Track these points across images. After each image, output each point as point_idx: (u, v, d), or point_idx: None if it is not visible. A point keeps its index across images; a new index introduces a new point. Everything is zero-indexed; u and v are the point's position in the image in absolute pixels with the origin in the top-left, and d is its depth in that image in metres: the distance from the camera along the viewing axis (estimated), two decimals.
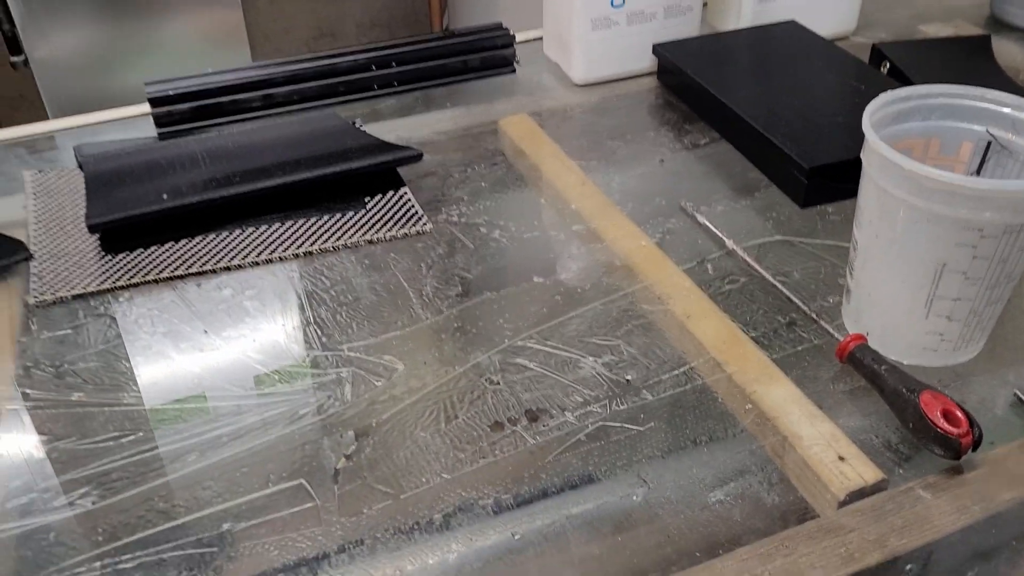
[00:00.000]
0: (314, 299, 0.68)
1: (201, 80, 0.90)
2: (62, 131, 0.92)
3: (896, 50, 0.94)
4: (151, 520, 0.52)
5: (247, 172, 0.78)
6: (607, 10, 0.92)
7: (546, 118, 0.92)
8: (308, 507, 0.53)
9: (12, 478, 0.55)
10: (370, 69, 0.94)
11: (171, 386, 0.61)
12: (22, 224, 0.77)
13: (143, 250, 0.73)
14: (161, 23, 1.40)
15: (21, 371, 0.63)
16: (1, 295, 0.69)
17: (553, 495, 0.54)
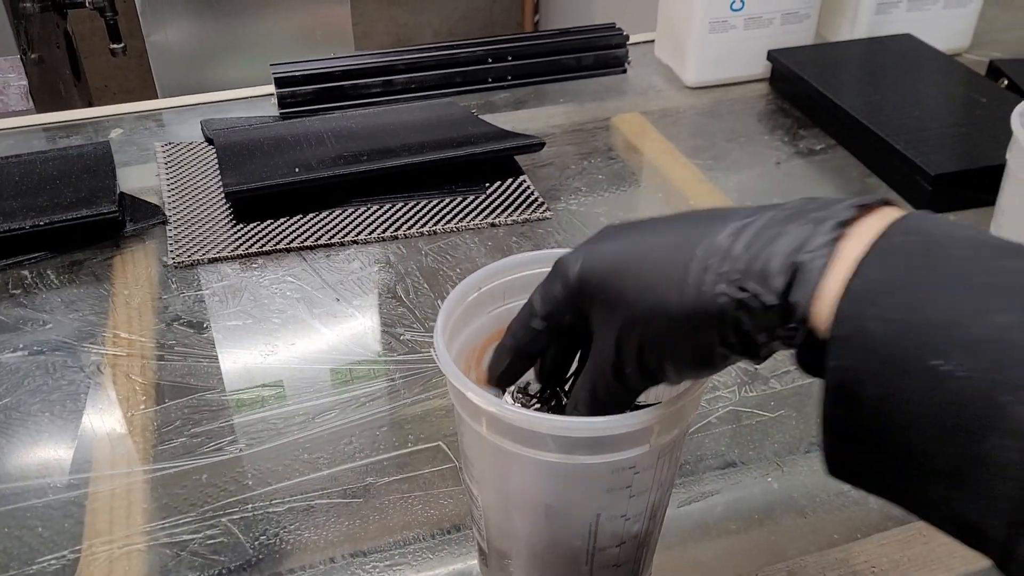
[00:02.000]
0: (440, 275, 0.70)
1: (324, 64, 0.93)
2: (187, 107, 0.95)
3: (1014, 67, 0.93)
4: (298, 469, 0.54)
5: (373, 152, 0.80)
6: (726, 13, 0.92)
7: (658, 118, 0.93)
8: (448, 467, 0.54)
9: (163, 424, 0.57)
10: (486, 62, 0.96)
11: (306, 347, 0.63)
12: (156, 191, 0.80)
13: (272, 221, 0.75)
14: (267, 18, 1.44)
15: (164, 325, 0.65)
16: (140, 256, 0.72)
17: (688, 473, 0.54)
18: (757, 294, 0.30)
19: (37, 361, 0.62)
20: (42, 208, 0.72)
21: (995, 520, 0.26)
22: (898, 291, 0.27)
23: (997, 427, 0.25)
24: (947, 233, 0.29)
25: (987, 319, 0.26)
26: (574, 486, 0.41)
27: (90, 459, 0.55)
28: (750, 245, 0.31)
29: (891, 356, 0.27)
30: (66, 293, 0.68)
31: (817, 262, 0.29)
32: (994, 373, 0.25)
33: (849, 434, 0.29)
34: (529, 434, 0.38)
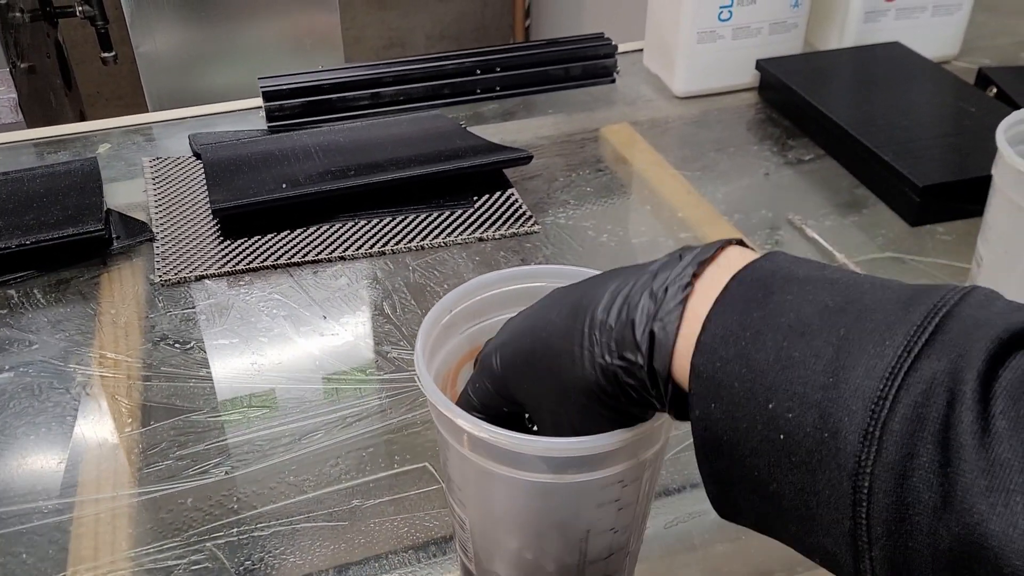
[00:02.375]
0: (428, 292, 0.70)
1: (312, 77, 0.93)
2: (175, 121, 0.95)
3: (1003, 75, 0.94)
4: (283, 492, 0.54)
5: (361, 166, 0.80)
6: (714, 23, 0.92)
7: (647, 128, 0.93)
8: (434, 489, 0.54)
9: (149, 446, 0.57)
10: (475, 73, 0.96)
11: (294, 367, 0.63)
12: (143, 207, 0.80)
13: (260, 237, 0.75)
14: (256, 26, 1.44)
15: (151, 345, 0.65)
16: (127, 273, 0.72)
17: (674, 492, 0.54)
18: (632, 360, 0.33)
19: (23, 383, 0.61)
20: (29, 227, 0.72)
21: (841, 549, 0.28)
22: (735, 341, 0.30)
23: (826, 463, 0.27)
24: (781, 276, 0.31)
25: (807, 365, 0.28)
26: (565, 504, 0.41)
27: (75, 483, 0.54)
28: (619, 315, 0.33)
29: (735, 403, 0.29)
30: (52, 312, 0.68)
31: (669, 328, 0.32)
32: (815, 413, 0.27)
33: (721, 479, 0.31)
34: (519, 455, 0.39)
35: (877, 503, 0.26)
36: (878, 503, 0.26)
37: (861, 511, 0.26)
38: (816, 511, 0.28)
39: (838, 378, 0.27)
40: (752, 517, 0.32)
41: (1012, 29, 1.14)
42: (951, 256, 0.73)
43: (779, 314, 0.29)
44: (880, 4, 0.98)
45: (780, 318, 0.29)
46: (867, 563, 0.27)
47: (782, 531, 0.31)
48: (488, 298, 0.47)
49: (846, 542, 0.27)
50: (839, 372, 0.27)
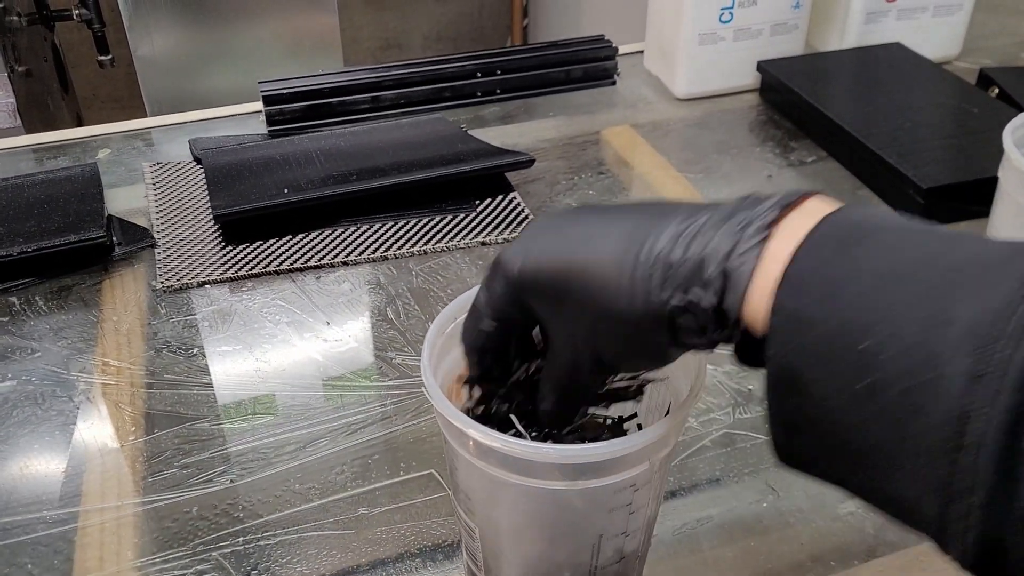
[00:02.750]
0: (431, 297, 0.70)
1: (312, 81, 0.92)
2: (175, 126, 0.95)
3: (1004, 75, 0.93)
4: (288, 500, 0.53)
5: (363, 171, 0.80)
6: (715, 25, 0.92)
7: (648, 130, 0.93)
8: (440, 496, 0.54)
9: (153, 455, 0.56)
10: (475, 76, 0.96)
11: (297, 373, 0.63)
12: (144, 213, 0.80)
13: (262, 242, 0.75)
14: (255, 28, 1.44)
15: (153, 352, 0.64)
16: (129, 280, 0.72)
17: (682, 497, 0.54)
18: (697, 301, 0.31)
19: (26, 391, 0.61)
20: (30, 234, 0.71)
21: (929, 499, 0.26)
22: (827, 280, 0.29)
23: (924, 407, 0.26)
24: (876, 223, 0.30)
25: (909, 306, 0.27)
26: (577, 511, 0.41)
27: (79, 492, 0.54)
28: (687, 249, 0.32)
29: (823, 342, 0.28)
30: (55, 320, 0.67)
31: (745, 267, 0.31)
32: (917, 354, 0.26)
33: (792, 423, 0.30)
34: (532, 464, 0.39)
35: (984, 449, 0.25)
36: (984, 449, 0.25)
37: (963, 458, 0.25)
38: (903, 458, 0.27)
39: (946, 318, 0.26)
40: (820, 464, 0.30)
41: (1013, 29, 1.14)
42: None
43: (878, 255, 0.28)
44: (881, 5, 0.98)
45: (879, 259, 0.28)
46: (960, 513, 0.26)
47: (854, 478, 0.29)
48: None
49: (935, 490, 0.26)
50: (948, 311, 0.26)
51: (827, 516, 0.52)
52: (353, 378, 0.62)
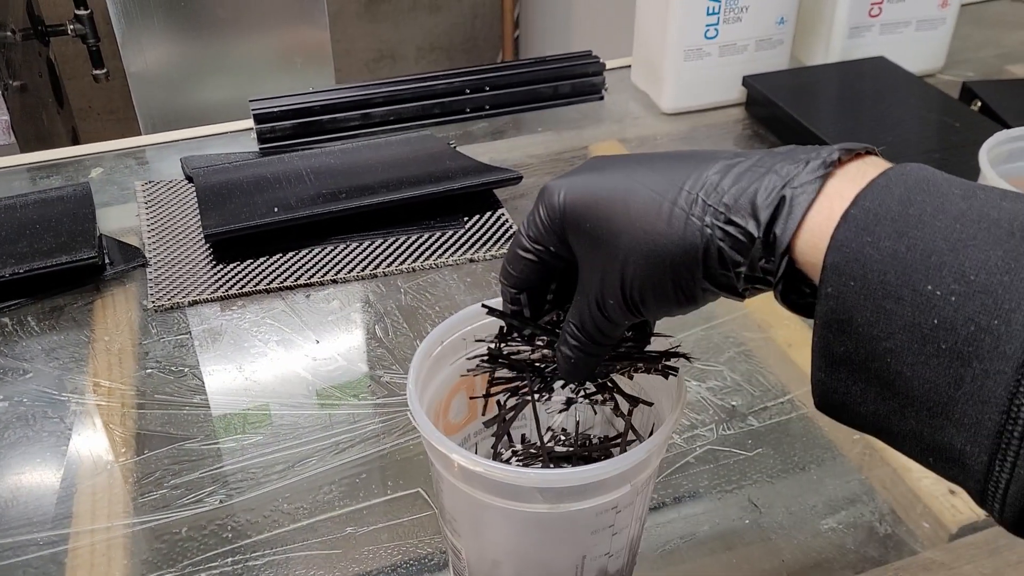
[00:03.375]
0: (419, 314, 0.70)
1: (302, 99, 0.93)
2: (167, 144, 0.96)
3: (987, 89, 0.95)
4: (277, 520, 0.54)
5: (352, 189, 0.80)
6: (700, 41, 0.93)
7: (635, 145, 0.94)
8: (427, 515, 0.54)
9: (144, 475, 0.57)
10: (464, 92, 0.97)
11: (287, 392, 0.64)
12: (136, 232, 0.80)
13: (252, 261, 0.76)
14: (246, 41, 1.44)
15: (144, 372, 0.65)
16: (120, 299, 0.72)
17: (666, 514, 0.55)
18: (742, 225, 0.31)
19: (17, 412, 0.62)
20: (22, 255, 0.72)
21: (977, 448, 0.26)
22: (894, 220, 0.28)
23: (986, 352, 0.26)
24: (943, 177, 0.30)
25: (981, 251, 0.27)
26: (561, 533, 0.42)
27: (70, 514, 0.55)
28: (738, 180, 0.32)
29: (885, 281, 0.28)
30: (47, 340, 0.68)
31: (803, 196, 0.30)
32: (985, 299, 0.26)
33: (838, 363, 0.30)
34: (516, 488, 0.39)
35: None
36: None
37: (1021, 406, 0.25)
38: (955, 404, 0.27)
39: (1019, 264, 0.26)
40: (863, 409, 0.30)
41: (996, 40, 1.15)
42: None
43: (948, 202, 0.28)
44: (865, 19, 0.99)
45: (950, 205, 0.28)
46: (1007, 464, 0.26)
47: (899, 425, 0.29)
48: (478, 328, 0.48)
49: (986, 439, 0.26)
50: (1020, 259, 0.26)
51: (809, 532, 0.53)
52: (342, 396, 0.63)
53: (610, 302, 0.36)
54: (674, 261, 0.33)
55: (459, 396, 0.49)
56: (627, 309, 0.36)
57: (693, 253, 0.32)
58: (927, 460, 0.29)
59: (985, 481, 0.27)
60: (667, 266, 0.33)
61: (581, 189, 0.36)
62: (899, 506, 0.55)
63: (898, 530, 0.54)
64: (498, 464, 0.40)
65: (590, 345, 0.39)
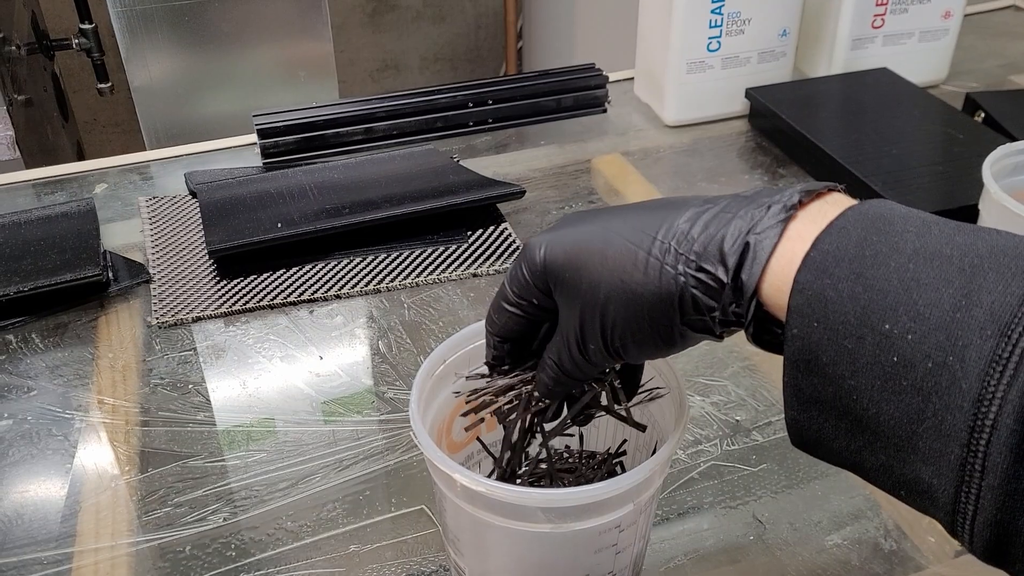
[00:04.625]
0: (423, 330, 0.70)
1: (305, 113, 0.94)
2: (171, 159, 0.96)
3: (990, 100, 0.94)
4: (280, 539, 0.54)
5: (355, 204, 0.80)
6: (703, 53, 0.93)
7: (638, 158, 0.94)
8: (431, 532, 0.54)
9: (148, 493, 0.57)
10: (467, 106, 0.97)
11: (291, 409, 0.64)
12: (140, 247, 0.81)
13: (256, 277, 0.76)
14: (250, 53, 1.45)
15: (148, 389, 0.65)
16: (124, 316, 0.73)
17: (670, 529, 0.54)
18: (712, 272, 0.32)
19: (22, 430, 0.62)
20: (26, 272, 0.72)
21: (943, 481, 0.27)
22: (852, 261, 0.29)
23: (944, 388, 0.27)
24: (900, 214, 0.31)
25: (934, 289, 0.28)
26: (564, 552, 0.42)
27: (74, 532, 0.55)
28: (706, 227, 0.33)
29: (845, 322, 0.29)
30: (51, 357, 0.68)
31: (766, 241, 0.31)
32: (940, 336, 0.27)
33: (808, 402, 0.31)
34: (518, 507, 0.39)
35: (1000, 431, 0.25)
36: (1001, 431, 0.25)
37: (979, 439, 0.26)
38: (919, 439, 0.27)
39: (970, 301, 0.27)
40: (835, 445, 0.31)
41: (999, 51, 1.15)
42: None
43: (903, 241, 0.29)
44: (867, 31, 0.99)
45: (905, 244, 0.29)
46: (972, 495, 0.26)
47: (870, 460, 0.30)
48: (480, 347, 0.48)
49: (951, 472, 0.27)
50: (971, 296, 0.27)
51: (813, 548, 0.53)
52: (346, 413, 0.63)
53: (591, 347, 0.37)
54: (652, 308, 0.34)
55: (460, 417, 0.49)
56: (608, 354, 0.37)
57: (669, 300, 0.34)
58: (899, 494, 0.30)
59: (953, 512, 0.27)
60: (645, 313, 0.35)
61: (560, 243, 0.37)
62: (904, 521, 0.55)
63: (903, 545, 0.53)
64: (501, 484, 0.40)
65: (567, 380, 0.40)
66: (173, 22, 1.36)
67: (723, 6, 0.91)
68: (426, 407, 0.45)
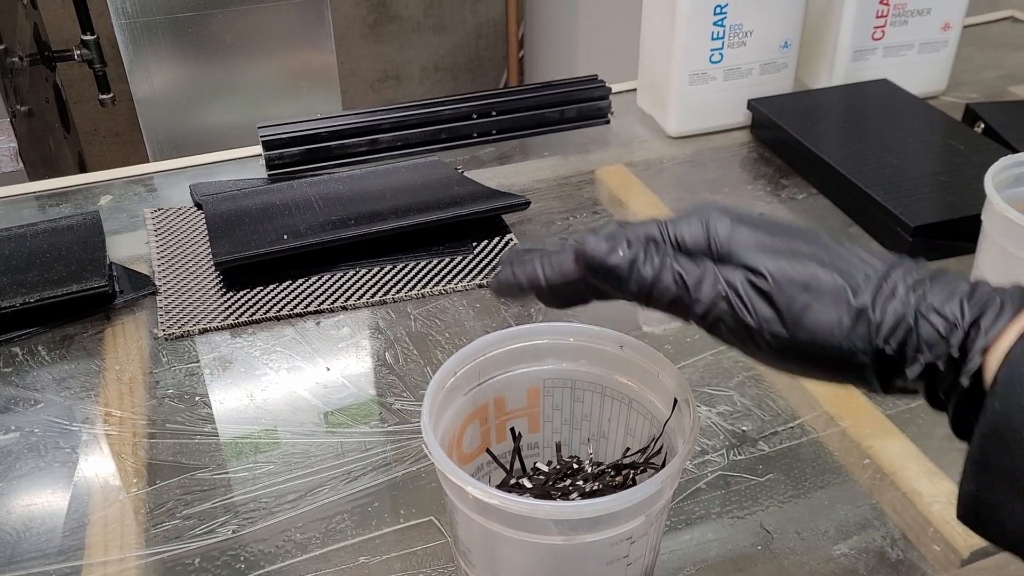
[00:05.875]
0: (429, 341, 0.71)
1: (310, 125, 0.94)
2: (176, 171, 0.96)
3: (990, 110, 0.95)
4: (289, 551, 0.54)
5: (361, 215, 0.81)
6: (705, 65, 0.94)
7: (641, 169, 0.95)
8: (440, 544, 0.54)
9: (156, 505, 0.57)
10: (471, 118, 0.97)
11: (298, 420, 0.64)
12: (145, 259, 0.81)
13: (262, 288, 0.76)
14: (253, 64, 1.46)
15: (155, 401, 0.65)
16: (131, 328, 0.73)
17: (678, 539, 0.54)
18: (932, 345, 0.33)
19: (29, 443, 0.62)
20: (33, 284, 0.72)
21: None
22: None
23: None
24: None
25: None
26: (576, 564, 0.42)
27: (82, 545, 0.55)
28: (917, 304, 0.33)
29: None
30: (57, 370, 0.68)
31: (1000, 320, 0.32)
32: None
33: (994, 477, 0.31)
34: (530, 520, 0.40)
35: None
36: None
37: None
38: None
39: None
40: (1013, 524, 0.31)
41: (998, 62, 1.16)
42: None
43: None
44: (868, 43, 1.00)
45: None
46: None
47: None
48: (490, 358, 0.48)
49: None
50: None
51: (820, 557, 0.53)
52: (353, 424, 0.63)
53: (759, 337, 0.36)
54: (841, 367, 0.35)
55: (472, 426, 0.49)
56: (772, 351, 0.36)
57: (863, 368, 0.34)
58: None
59: None
60: (833, 367, 0.35)
61: (755, 247, 0.36)
62: (910, 531, 0.55)
63: (910, 555, 0.53)
64: (513, 496, 0.40)
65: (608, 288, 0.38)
66: (176, 33, 1.37)
67: (725, 18, 0.92)
68: (437, 419, 0.45)
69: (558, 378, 0.51)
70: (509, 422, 0.52)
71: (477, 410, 0.49)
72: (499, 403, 0.50)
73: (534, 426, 0.53)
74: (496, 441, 0.52)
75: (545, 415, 0.52)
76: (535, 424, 0.53)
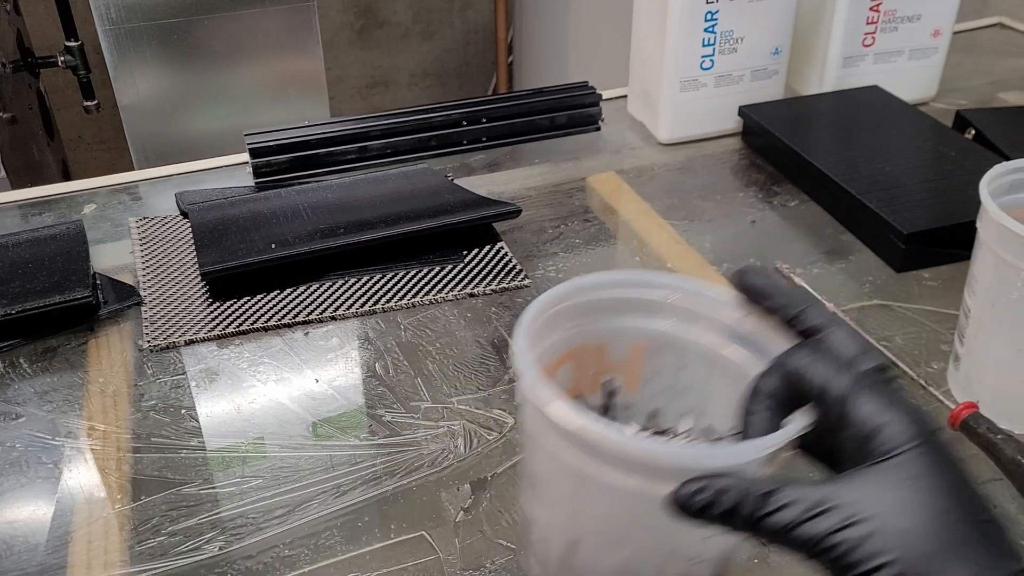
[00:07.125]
0: (420, 351, 0.70)
1: (298, 132, 0.93)
2: (161, 179, 0.95)
3: (980, 117, 0.95)
4: (277, 569, 0.53)
5: (350, 224, 0.80)
6: (696, 72, 0.94)
7: (633, 176, 0.94)
8: (431, 559, 0.53)
9: (140, 522, 0.56)
10: (461, 124, 0.96)
11: (286, 434, 0.63)
12: (130, 269, 0.80)
13: (249, 299, 0.75)
14: (239, 70, 1.45)
15: (140, 415, 0.64)
16: (115, 339, 0.71)
17: None
18: None
19: (10, 458, 0.61)
20: (14, 295, 0.71)
21: None
22: None
23: None
24: None
25: None
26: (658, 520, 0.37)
27: (65, 564, 0.53)
28: None
29: None
30: (40, 383, 0.67)
31: None
32: None
33: None
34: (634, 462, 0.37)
35: None
36: None
37: None
38: None
39: None
40: None
41: (987, 68, 1.16)
42: (938, 302, 0.74)
43: None
44: (858, 49, 0.99)
45: None
46: None
47: None
48: (606, 300, 0.45)
49: None
50: None
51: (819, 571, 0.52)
52: (342, 437, 0.62)
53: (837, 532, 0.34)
54: None
55: (565, 368, 0.46)
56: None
57: None
58: None
59: None
60: None
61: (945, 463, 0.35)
62: None
63: None
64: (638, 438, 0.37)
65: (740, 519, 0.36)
66: (161, 40, 1.35)
67: (716, 25, 0.91)
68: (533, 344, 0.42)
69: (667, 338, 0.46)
70: (605, 374, 0.48)
71: (574, 351, 0.45)
72: (600, 351, 0.47)
73: (631, 385, 0.49)
74: (588, 392, 0.48)
75: (645, 376, 0.48)
76: (633, 383, 0.48)
